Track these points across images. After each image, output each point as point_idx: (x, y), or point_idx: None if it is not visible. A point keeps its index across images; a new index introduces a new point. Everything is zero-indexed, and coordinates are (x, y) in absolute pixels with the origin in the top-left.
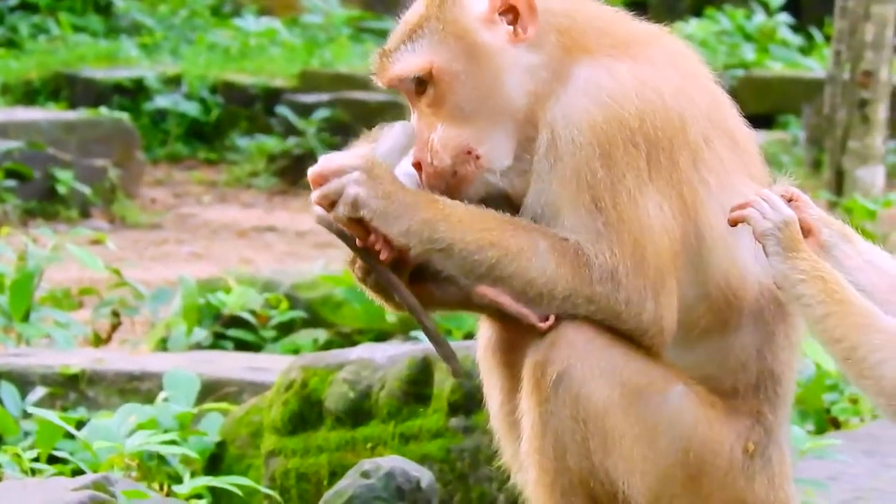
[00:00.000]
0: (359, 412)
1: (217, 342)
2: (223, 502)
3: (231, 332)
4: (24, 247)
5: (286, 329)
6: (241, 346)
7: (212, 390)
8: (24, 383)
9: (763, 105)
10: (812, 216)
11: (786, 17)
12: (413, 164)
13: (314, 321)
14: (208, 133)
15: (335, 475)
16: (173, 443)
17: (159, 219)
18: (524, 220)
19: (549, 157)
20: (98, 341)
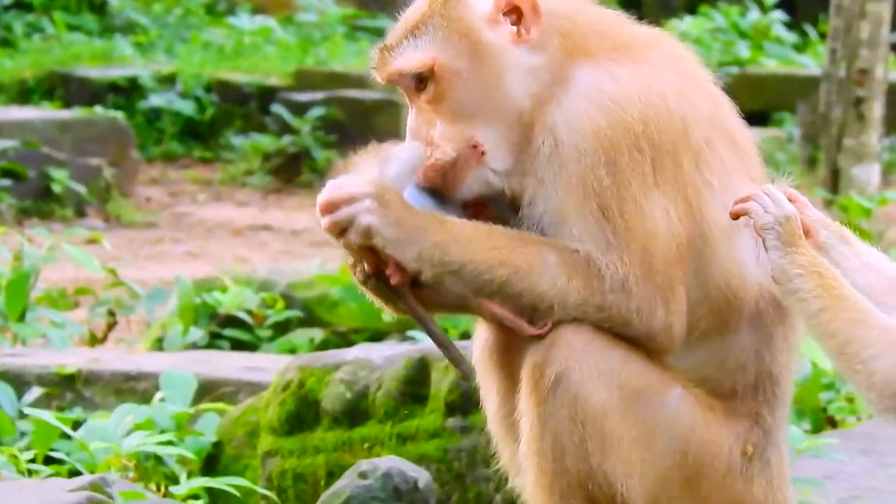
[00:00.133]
0: (356, 412)
1: (213, 342)
2: (220, 503)
3: (227, 331)
4: (20, 246)
5: (282, 328)
6: (237, 345)
7: (208, 390)
8: (20, 383)
9: (758, 102)
10: (810, 217)
11: (780, 15)
12: None
13: (310, 320)
14: (203, 132)
15: (332, 476)
16: (170, 443)
17: (154, 218)
18: (532, 234)
19: (553, 163)
20: (94, 341)
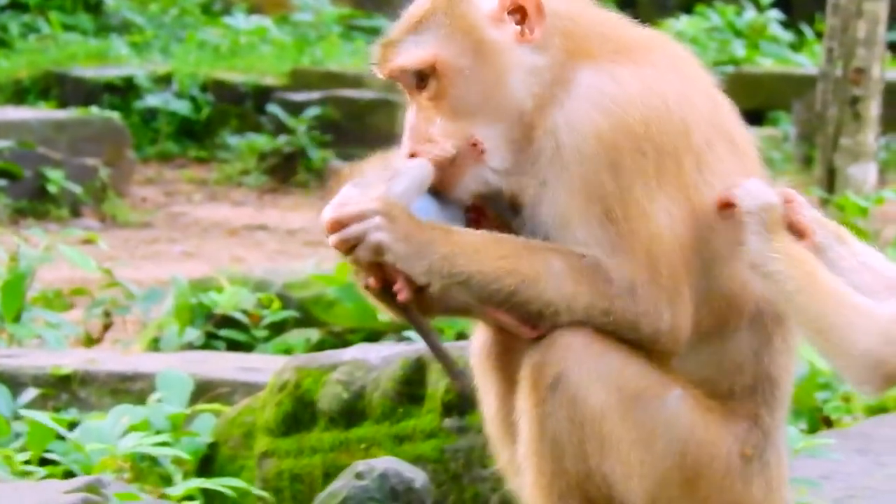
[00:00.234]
0: (352, 413)
1: (209, 342)
2: None
3: (223, 331)
4: (16, 247)
5: (278, 329)
6: (234, 345)
7: (204, 391)
8: (15, 384)
9: (753, 101)
10: (807, 217)
11: (776, 14)
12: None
13: (306, 320)
14: (199, 131)
15: (329, 476)
16: (166, 444)
17: (150, 217)
18: (537, 240)
19: (555, 165)
20: (90, 342)
